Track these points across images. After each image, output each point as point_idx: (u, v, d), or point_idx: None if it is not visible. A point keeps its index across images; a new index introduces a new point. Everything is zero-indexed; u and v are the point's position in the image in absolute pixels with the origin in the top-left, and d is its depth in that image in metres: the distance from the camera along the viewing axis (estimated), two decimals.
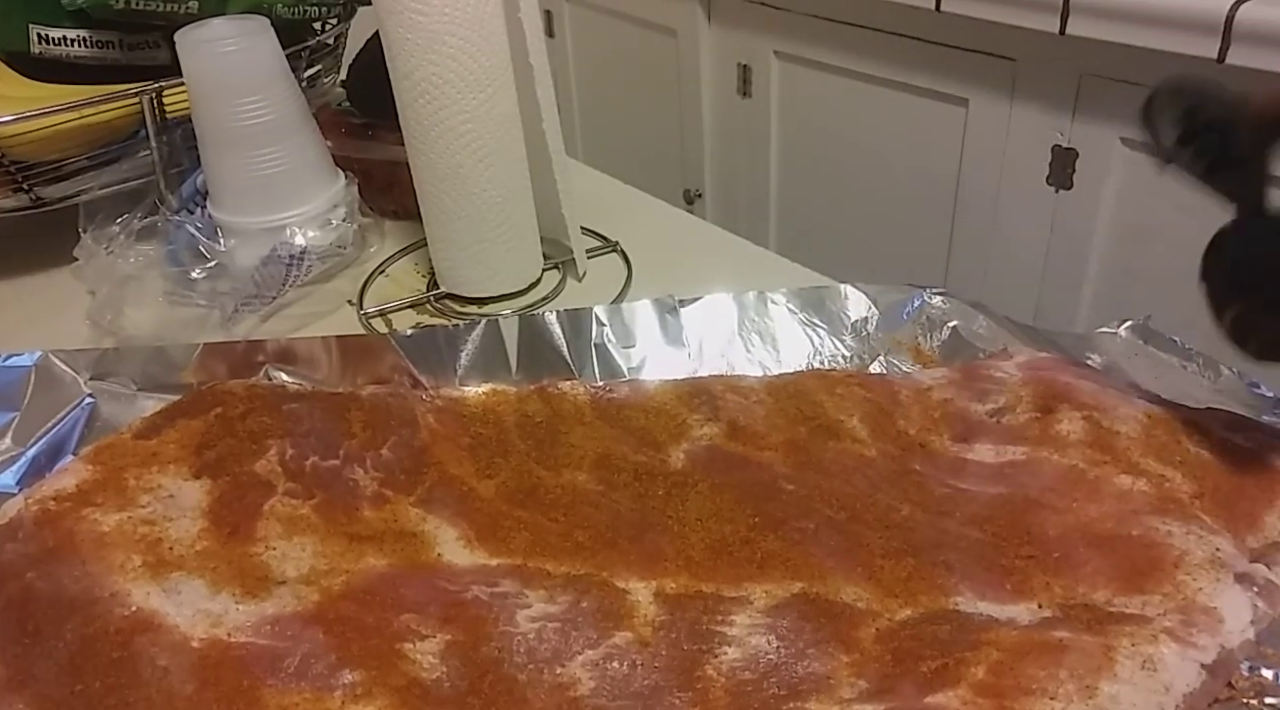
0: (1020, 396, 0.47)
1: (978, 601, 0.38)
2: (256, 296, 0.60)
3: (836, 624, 0.37)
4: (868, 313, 0.55)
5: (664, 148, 1.63)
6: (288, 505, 0.42)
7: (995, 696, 0.33)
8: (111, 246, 0.60)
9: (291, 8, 0.69)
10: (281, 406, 0.47)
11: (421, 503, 0.43)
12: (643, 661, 0.36)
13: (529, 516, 0.42)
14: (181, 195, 0.65)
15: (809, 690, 0.35)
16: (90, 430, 0.49)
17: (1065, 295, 1.26)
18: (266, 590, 0.39)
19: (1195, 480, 0.42)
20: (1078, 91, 1.12)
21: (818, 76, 1.23)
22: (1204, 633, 0.35)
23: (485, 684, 0.35)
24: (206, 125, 0.60)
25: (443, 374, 0.51)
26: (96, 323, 0.59)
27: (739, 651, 0.36)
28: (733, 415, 0.47)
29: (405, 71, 0.53)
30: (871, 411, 0.47)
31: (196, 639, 0.36)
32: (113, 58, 0.68)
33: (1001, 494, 0.43)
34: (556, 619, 0.38)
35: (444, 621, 0.37)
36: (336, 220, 0.63)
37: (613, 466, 0.45)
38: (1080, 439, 0.45)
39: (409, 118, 0.55)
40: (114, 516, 0.41)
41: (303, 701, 0.34)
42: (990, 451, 0.45)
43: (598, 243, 0.67)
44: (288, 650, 0.36)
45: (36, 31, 0.65)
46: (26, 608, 0.37)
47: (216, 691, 0.34)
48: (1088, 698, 0.33)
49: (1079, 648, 0.35)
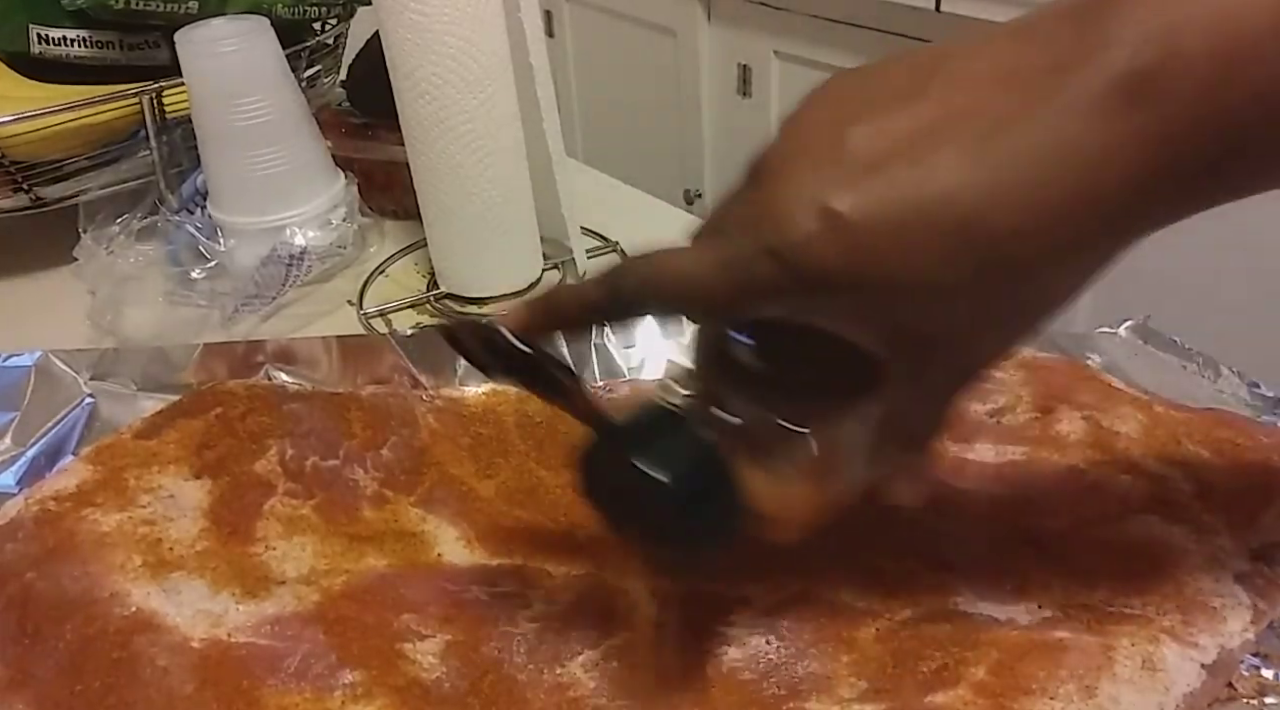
0: (1020, 396, 0.47)
1: (978, 601, 0.38)
2: (256, 296, 0.60)
3: (836, 624, 0.37)
4: None
5: (664, 148, 1.63)
6: (288, 505, 0.42)
7: (995, 696, 0.33)
8: (111, 246, 0.60)
9: (291, 8, 0.69)
10: (281, 406, 0.47)
11: (421, 503, 0.43)
12: (643, 661, 0.36)
13: (529, 516, 0.42)
14: (181, 195, 0.65)
15: (809, 690, 0.35)
16: (90, 430, 0.49)
17: None
18: (266, 590, 0.39)
19: (1195, 480, 0.42)
20: None
21: (818, 76, 1.23)
22: (1204, 633, 0.35)
23: (485, 684, 0.35)
24: (206, 125, 0.60)
25: (443, 374, 0.51)
26: (96, 323, 0.59)
27: (739, 651, 0.36)
28: None
29: (405, 71, 0.53)
30: None
31: (196, 639, 0.36)
32: (113, 58, 0.68)
33: (1001, 494, 0.43)
34: (556, 619, 0.38)
35: (444, 621, 0.37)
36: (336, 220, 0.63)
37: None
38: (1080, 439, 0.45)
39: (409, 118, 0.55)
40: (114, 516, 0.41)
41: (303, 701, 0.34)
42: (990, 451, 0.45)
43: (598, 243, 0.67)
44: (288, 650, 0.36)
45: (36, 32, 0.65)
46: (26, 608, 0.37)
47: (216, 691, 0.34)
48: (1088, 698, 0.33)
49: (1079, 648, 0.35)
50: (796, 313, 0.29)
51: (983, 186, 0.24)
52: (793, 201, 0.26)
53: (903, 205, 0.25)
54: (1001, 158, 0.24)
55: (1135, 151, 0.24)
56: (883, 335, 0.28)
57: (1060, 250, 0.25)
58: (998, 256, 0.25)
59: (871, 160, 0.25)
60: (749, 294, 0.28)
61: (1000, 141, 0.24)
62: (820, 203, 0.25)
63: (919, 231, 0.25)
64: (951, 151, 0.25)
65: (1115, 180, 0.24)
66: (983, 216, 0.25)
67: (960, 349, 0.29)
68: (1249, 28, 0.23)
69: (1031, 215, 0.24)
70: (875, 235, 0.25)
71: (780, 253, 0.26)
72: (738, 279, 0.27)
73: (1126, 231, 0.26)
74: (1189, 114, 0.24)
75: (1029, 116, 0.24)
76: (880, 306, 0.27)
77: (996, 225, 0.25)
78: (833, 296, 0.27)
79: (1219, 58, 0.23)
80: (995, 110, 0.25)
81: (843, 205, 0.25)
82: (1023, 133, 0.24)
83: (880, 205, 0.25)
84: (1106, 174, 0.24)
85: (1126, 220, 0.26)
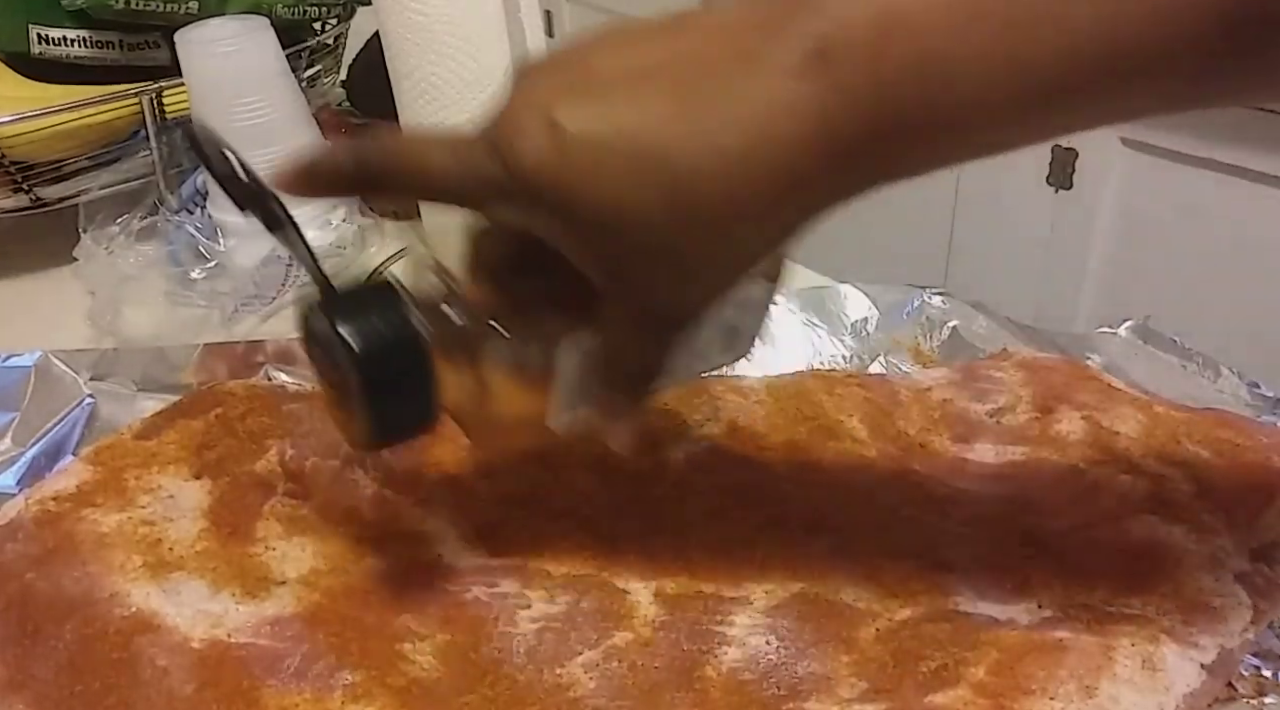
0: (1020, 396, 0.47)
1: (978, 601, 0.38)
2: (256, 296, 0.60)
3: (836, 624, 0.37)
4: (867, 313, 0.55)
5: None
6: (288, 505, 0.42)
7: (995, 696, 0.33)
8: (111, 246, 0.60)
9: (291, 8, 0.69)
10: (281, 407, 0.47)
11: (421, 503, 0.43)
12: (643, 662, 0.36)
13: (529, 516, 0.42)
14: (181, 195, 0.65)
15: (809, 690, 0.35)
16: (90, 430, 0.49)
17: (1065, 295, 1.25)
18: (266, 590, 0.39)
19: (1195, 480, 0.42)
20: None
21: None
22: (1204, 633, 0.35)
23: (485, 684, 0.35)
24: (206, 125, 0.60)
25: None
26: (96, 323, 0.59)
27: (739, 651, 0.36)
28: (733, 415, 0.47)
29: (405, 71, 0.53)
30: (871, 412, 0.47)
31: (196, 639, 0.36)
32: (113, 58, 0.68)
33: (1001, 494, 0.43)
34: (556, 619, 0.38)
35: (444, 622, 0.37)
36: (336, 220, 0.63)
37: (613, 466, 0.45)
38: (1080, 439, 0.45)
39: (409, 118, 0.55)
40: (114, 517, 0.41)
41: (303, 702, 0.34)
42: (990, 452, 0.45)
43: None
44: (288, 650, 0.36)
45: (36, 32, 0.65)
46: (26, 608, 0.37)
47: (216, 692, 0.34)
48: (1087, 698, 0.33)
49: (1079, 648, 0.35)
50: (521, 221, 0.29)
51: (680, 127, 0.26)
52: (524, 107, 0.27)
53: (610, 129, 0.26)
54: (701, 104, 0.26)
55: (814, 116, 0.25)
56: (598, 263, 0.29)
57: (743, 202, 0.26)
58: (687, 198, 0.26)
59: (600, 84, 0.27)
60: (475, 189, 0.29)
61: (703, 89, 0.26)
62: (546, 112, 0.27)
63: (619, 157, 0.26)
64: (663, 90, 0.26)
65: (795, 142, 0.25)
66: (675, 154, 0.26)
67: (661, 292, 0.30)
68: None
69: (720, 162, 0.26)
70: (582, 152, 0.26)
71: (502, 152, 0.27)
72: (466, 173, 0.29)
73: (809, 197, 0.27)
74: (855, 83, 0.25)
75: (731, 70, 0.26)
76: (586, 228, 0.28)
77: (685, 165, 0.26)
78: (549, 210, 0.28)
79: (877, 28, 0.24)
80: (707, 59, 0.26)
81: (562, 117, 0.26)
82: (722, 84, 0.26)
83: (592, 124, 0.26)
84: (786, 135, 0.25)
85: (806, 185, 0.26)
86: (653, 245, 0.28)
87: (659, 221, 0.27)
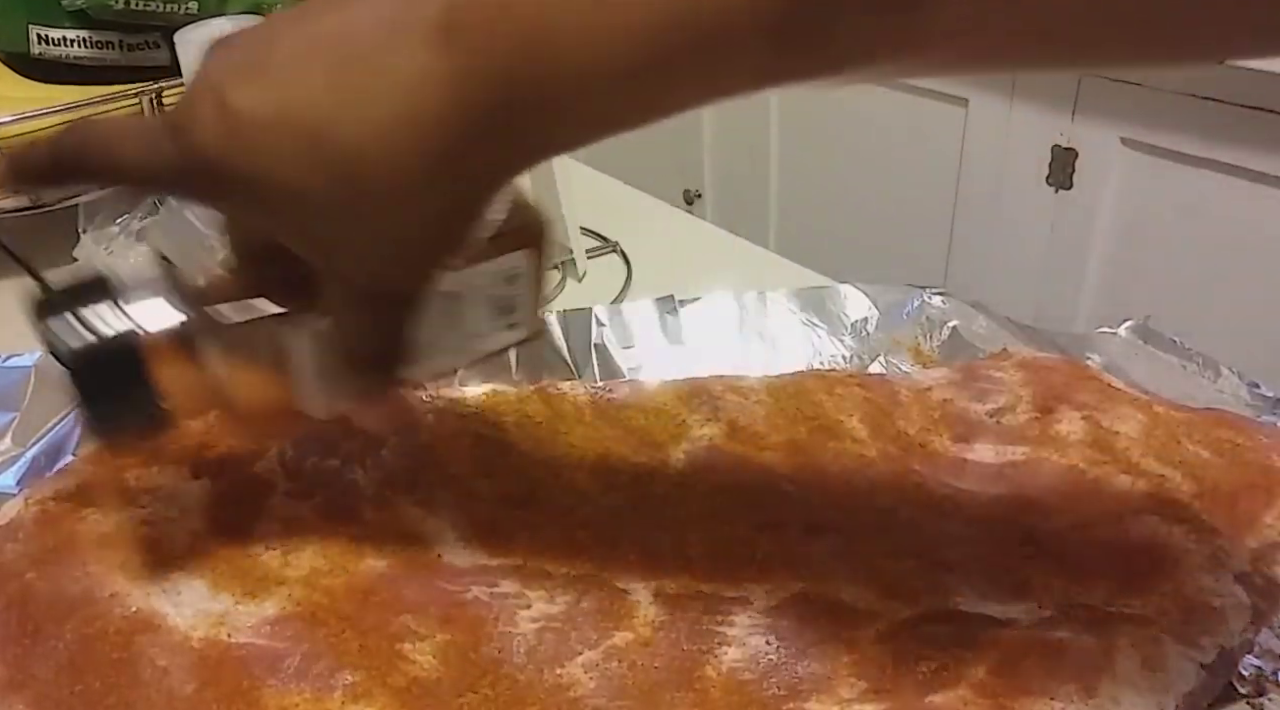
0: (1020, 397, 0.47)
1: (978, 601, 0.38)
2: None
3: (836, 624, 0.37)
4: (867, 313, 0.55)
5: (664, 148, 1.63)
6: (288, 505, 0.42)
7: (995, 696, 0.33)
8: (111, 246, 0.60)
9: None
10: None
11: (421, 503, 0.43)
12: (643, 661, 0.36)
13: (529, 516, 0.42)
14: None
15: (809, 690, 0.35)
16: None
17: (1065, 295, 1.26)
18: (266, 590, 0.39)
19: (1195, 480, 0.42)
20: (1077, 91, 1.12)
21: None
22: (1204, 633, 0.35)
23: (485, 684, 0.35)
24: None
25: (442, 374, 0.51)
26: None
27: (739, 651, 0.36)
28: (733, 415, 0.47)
29: None
30: (871, 412, 0.47)
31: (196, 639, 0.36)
32: (113, 58, 0.68)
33: (1001, 494, 0.43)
34: (556, 619, 0.38)
35: (444, 622, 0.37)
36: None
37: (613, 467, 0.45)
38: (1080, 439, 0.45)
39: None
40: (114, 516, 0.41)
41: (302, 702, 0.34)
42: (990, 452, 0.45)
43: (597, 243, 0.67)
44: (288, 650, 0.36)
45: (36, 32, 0.65)
46: (26, 608, 0.37)
47: (216, 691, 0.34)
48: (1088, 698, 0.33)
49: (1079, 648, 0.35)
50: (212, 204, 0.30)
51: (335, 102, 0.26)
52: (201, 86, 0.27)
53: (274, 109, 0.26)
54: (353, 78, 0.26)
55: (447, 89, 0.25)
56: (299, 244, 0.29)
57: (400, 174, 0.26)
58: (346, 172, 0.26)
59: (274, 63, 0.27)
60: (161, 174, 0.29)
61: (355, 62, 0.26)
62: (219, 91, 0.27)
63: (281, 133, 0.26)
64: (325, 64, 0.26)
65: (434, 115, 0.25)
66: (332, 130, 0.26)
67: (362, 269, 0.29)
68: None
69: (372, 136, 0.26)
70: (251, 133, 0.26)
71: (178, 132, 0.28)
72: (152, 157, 0.29)
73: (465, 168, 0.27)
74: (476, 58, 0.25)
75: (380, 42, 0.26)
76: (267, 208, 0.28)
77: (342, 140, 0.26)
78: (228, 192, 0.28)
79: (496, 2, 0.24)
80: (361, 31, 0.26)
81: (232, 98, 0.27)
82: (373, 56, 0.26)
83: (258, 104, 0.26)
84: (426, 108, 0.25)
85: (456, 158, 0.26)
86: (332, 222, 0.28)
87: (327, 198, 0.27)
